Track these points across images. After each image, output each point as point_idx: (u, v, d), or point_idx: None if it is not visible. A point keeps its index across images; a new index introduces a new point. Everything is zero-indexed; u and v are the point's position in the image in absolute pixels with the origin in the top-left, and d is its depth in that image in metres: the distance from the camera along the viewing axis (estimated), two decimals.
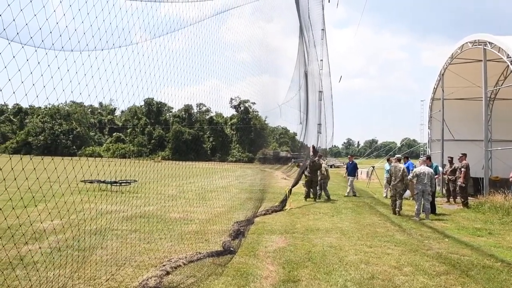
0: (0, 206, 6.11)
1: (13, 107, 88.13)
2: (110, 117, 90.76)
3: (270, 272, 5.48)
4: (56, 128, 79.04)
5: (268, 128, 60.17)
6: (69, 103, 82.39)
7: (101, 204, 10.34)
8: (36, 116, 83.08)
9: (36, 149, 74.25)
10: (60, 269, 5.03)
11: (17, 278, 4.65)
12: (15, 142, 78.56)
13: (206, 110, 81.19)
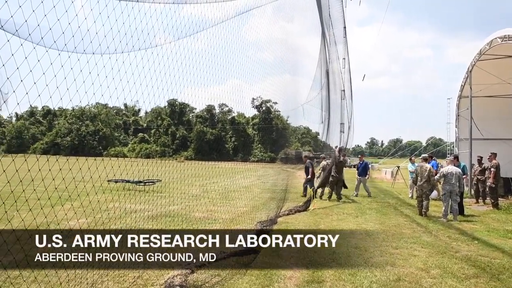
0: (29, 205, 6.34)
1: (42, 109, 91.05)
2: (134, 118, 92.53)
3: (293, 272, 5.46)
4: (83, 129, 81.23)
5: (290, 128, 59.95)
6: (95, 105, 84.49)
7: (127, 203, 10.56)
8: (64, 118, 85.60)
9: (64, 149, 76.50)
10: (86, 266, 5.17)
11: (47, 275, 4.80)
12: (44, 143, 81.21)
13: (228, 110, 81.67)
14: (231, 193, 14.85)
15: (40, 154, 70.27)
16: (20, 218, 7.05)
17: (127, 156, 68.65)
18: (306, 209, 11.20)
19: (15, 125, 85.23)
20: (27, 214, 7.19)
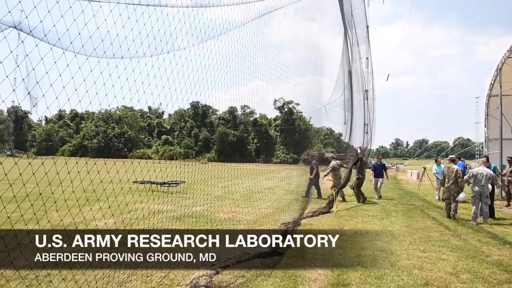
0: (59, 206, 6.54)
1: (70, 112, 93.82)
2: (158, 120, 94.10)
3: (318, 275, 5.42)
4: (109, 132, 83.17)
5: (312, 129, 59.53)
6: (120, 108, 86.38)
7: (152, 204, 10.74)
8: (91, 121, 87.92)
9: (91, 151, 78.55)
10: (115, 265, 5.28)
11: (73, 273, 4.93)
12: (72, 146, 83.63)
13: (250, 112, 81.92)
14: (254, 194, 14.88)
15: (68, 156, 72.46)
16: (48, 218, 7.29)
17: (151, 158, 69.86)
18: (329, 211, 11.10)
19: (44, 128, 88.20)
20: (52, 216, 7.44)
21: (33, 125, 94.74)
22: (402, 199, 15.41)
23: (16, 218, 6.67)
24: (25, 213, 6.81)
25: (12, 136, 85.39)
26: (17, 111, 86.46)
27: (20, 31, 4.23)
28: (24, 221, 6.15)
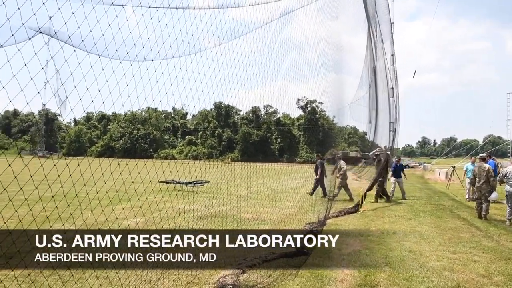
0: (91, 205, 6.72)
1: (97, 114, 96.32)
2: (182, 121, 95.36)
3: (345, 275, 5.36)
4: (135, 133, 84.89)
5: (336, 128, 58.87)
6: (145, 109, 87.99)
7: (178, 203, 10.90)
8: (117, 122, 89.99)
9: (118, 152, 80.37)
10: (144, 263, 5.40)
11: (105, 270, 5.07)
12: (99, 146, 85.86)
13: (273, 112, 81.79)
14: (279, 194, 14.87)
15: (96, 157, 74.46)
16: (84, 217, 7.51)
17: (175, 158, 70.86)
18: (355, 211, 10.96)
19: (73, 130, 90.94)
20: (87, 215, 7.68)
21: (63, 127, 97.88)
22: (430, 199, 15.04)
23: (54, 216, 6.92)
24: (63, 212, 7.05)
25: (43, 138, 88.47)
26: (47, 114, 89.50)
27: (50, 37, 4.38)
28: (61, 220, 6.39)
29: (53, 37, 4.28)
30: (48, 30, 4.28)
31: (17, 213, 5.11)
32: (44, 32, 4.27)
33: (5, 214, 6.57)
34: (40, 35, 4.18)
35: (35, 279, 4.66)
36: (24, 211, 5.43)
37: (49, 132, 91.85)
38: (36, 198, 4.47)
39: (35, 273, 4.86)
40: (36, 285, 4.46)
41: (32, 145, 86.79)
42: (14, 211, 4.94)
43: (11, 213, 6.46)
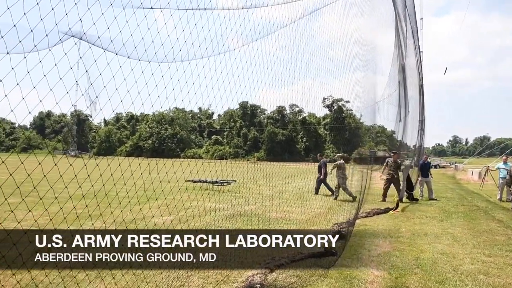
0: (121, 204, 6.88)
1: (126, 115, 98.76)
2: (208, 121, 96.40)
3: (375, 277, 5.26)
4: (162, 133, 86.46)
5: (363, 127, 57.95)
6: (172, 109, 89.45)
7: (205, 202, 11.02)
8: (145, 122, 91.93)
9: (146, 152, 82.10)
10: (173, 261, 5.49)
11: (134, 267, 5.18)
12: (128, 146, 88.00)
13: (299, 111, 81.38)
14: (305, 194, 14.78)
15: (125, 156, 76.40)
16: (114, 215, 7.71)
17: (202, 157, 71.69)
18: (385, 211, 10.73)
19: (103, 130, 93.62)
20: (117, 213, 7.84)
21: (93, 128, 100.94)
22: (463, 199, 14.55)
23: (84, 215, 7.15)
24: (93, 211, 7.29)
25: (75, 138, 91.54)
26: (79, 115, 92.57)
27: (81, 40, 4.51)
28: (91, 218, 6.60)
29: (84, 40, 4.41)
30: (79, 33, 4.41)
31: (44, 211, 5.30)
32: (75, 36, 4.41)
33: (35, 212, 6.84)
34: (71, 38, 4.32)
35: (67, 275, 4.82)
36: (56, 208, 5.63)
37: (81, 132, 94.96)
38: (68, 197, 4.62)
39: (65, 273, 5.03)
40: (74, 281, 4.61)
41: (64, 145, 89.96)
42: (44, 209, 5.12)
43: (42, 210, 6.71)
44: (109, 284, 4.54)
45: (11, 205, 6.32)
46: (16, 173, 3.93)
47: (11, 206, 5.74)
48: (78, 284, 4.49)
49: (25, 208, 6.73)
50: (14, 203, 6.65)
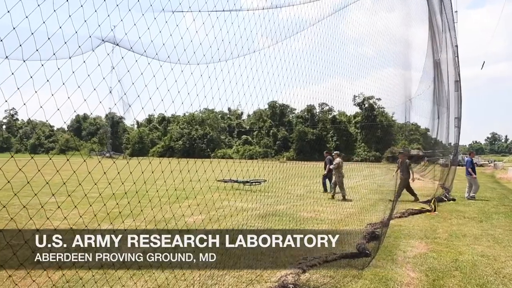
0: (152, 203, 7.04)
1: (158, 116, 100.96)
2: (238, 121, 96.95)
3: (411, 279, 5.12)
4: (193, 134, 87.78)
5: (396, 125, 56.46)
6: (202, 110, 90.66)
7: (236, 202, 11.08)
8: (176, 123, 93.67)
9: (177, 152, 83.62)
10: (206, 260, 5.56)
11: (171, 265, 5.28)
12: (160, 147, 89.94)
13: (329, 110, 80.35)
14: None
15: (157, 157, 78.17)
16: (144, 214, 7.91)
17: (232, 157, 72.19)
18: (420, 212, 10.42)
19: (136, 132, 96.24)
20: (147, 213, 8.02)
21: (127, 129, 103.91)
22: (504, 199, 13.89)
23: (115, 214, 7.36)
24: (123, 210, 7.48)
25: (110, 140, 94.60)
26: (113, 117, 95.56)
27: (114, 45, 4.65)
28: (122, 217, 6.79)
29: (117, 44, 4.54)
30: (111, 39, 4.56)
31: (76, 210, 5.48)
32: (108, 41, 4.56)
33: (74, 211, 7.09)
34: (102, 43, 4.46)
35: (107, 271, 4.98)
36: (95, 207, 5.83)
37: (115, 134, 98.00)
38: (104, 196, 4.77)
39: (106, 266, 5.20)
40: (109, 277, 4.76)
41: (100, 147, 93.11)
42: (72, 208, 5.31)
43: (84, 209, 6.97)
44: (145, 282, 4.66)
45: (48, 204, 6.60)
46: (53, 174, 4.10)
47: (48, 205, 6.00)
48: (119, 279, 4.63)
49: (65, 207, 7.02)
50: (51, 202, 6.93)
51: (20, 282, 4.45)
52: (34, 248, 5.63)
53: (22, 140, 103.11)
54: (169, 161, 6.23)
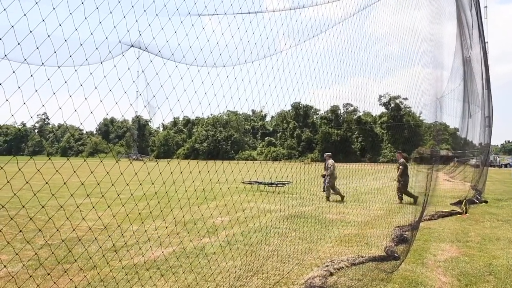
0: (180, 204, 7.08)
1: (183, 119, 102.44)
2: (261, 123, 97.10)
3: (442, 284, 4.97)
4: (217, 136, 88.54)
5: (423, 125, 55.11)
6: (226, 112, 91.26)
7: (261, 203, 11.10)
8: (201, 126, 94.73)
9: (202, 154, 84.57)
10: (233, 261, 5.60)
11: (197, 266, 5.35)
12: (185, 149, 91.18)
13: (354, 110, 79.28)
14: (363, 195, 14.36)
15: (182, 159, 79.27)
16: (174, 215, 8.04)
17: (256, 159, 72.33)
18: (451, 214, 10.12)
19: (162, 134, 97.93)
20: (176, 213, 8.17)
21: (153, 132, 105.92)
22: None
23: (145, 214, 7.52)
24: (153, 210, 7.61)
25: (137, 142, 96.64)
26: (139, 120, 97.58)
27: (139, 49, 4.76)
28: (152, 217, 6.92)
29: (145, 50, 4.65)
30: (138, 43, 4.67)
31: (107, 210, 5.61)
32: (135, 46, 4.67)
33: (99, 212, 7.28)
34: (129, 48, 4.57)
35: (139, 271, 5.09)
36: (120, 208, 5.97)
37: (142, 136, 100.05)
38: (126, 197, 4.88)
39: (138, 266, 5.31)
40: (141, 277, 4.86)
41: (127, 149, 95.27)
42: (91, 208, 5.44)
43: (115, 210, 7.14)
44: (174, 282, 4.73)
45: (80, 205, 6.80)
46: (82, 176, 4.23)
47: (80, 206, 6.14)
48: (145, 280, 4.73)
49: (97, 208, 7.21)
50: (84, 203, 7.16)
51: (58, 280, 4.60)
52: (70, 248, 5.83)
53: (53, 143, 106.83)
54: (197, 162, 6.32)
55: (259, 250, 6.23)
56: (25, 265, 5.27)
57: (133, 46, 4.73)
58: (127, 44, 4.54)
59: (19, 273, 4.97)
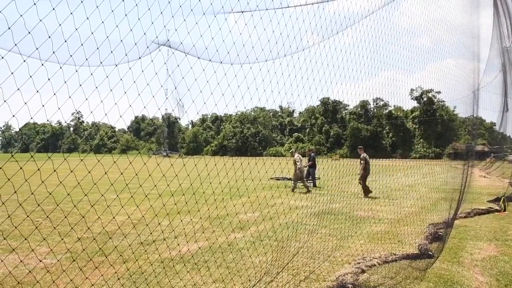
0: (208, 200, 7.17)
1: (211, 116, 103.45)
2: (289, 119, 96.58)
3: (480, 283, 4.79)
4: (245, 132, 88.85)
5: (457, 119, 53.12)
6: (254, 109, 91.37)
7: (290, 200, 11.06)
8: (229, 123, 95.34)
9: (230, 151, 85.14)
10: (262, 256, 5.61)
11: (226, 261, 5.40)
12: (214, 146, 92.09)
13: (384, 105, 77.45)
14: (394, 192, 14.05)
15: (211, 155, 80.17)
16: (200, 211, 8.15)
17: (284, 155, 72.09)
18: (488, 212, 9.71)
19: (191, 131, 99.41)
20: (204, 209, 8.24)
21: (182, 129, 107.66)
22: None
23: (173, 210, 7.66)
24: (185, 205, 7.74)
25: (167, 139, 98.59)
26: (169, 118, 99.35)
27: (169, 48, 4.83)
28: (180, 214, 7.04)
29: (174, 48, 4.72)
30: (165, 42, 4.74)
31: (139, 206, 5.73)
32: (163, 44, 4.74)
33: (132, 207, 7.46)
34: (157, 47, 4.65)
35: (168, 264, 5.19)
36: (148, 204, 6.10)
37: (171, 134, 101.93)
38: (157, 193, 4.97)
39: (167, 261, 5.43)
40: (169, 271, 4.96)
41: (157, 146, 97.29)
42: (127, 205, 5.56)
43: (145, 205, 7.32)
44: (201, 277, 4.79)
45: (110, 201, 7.00)
46: (115, 172, 4.34)
47: (110, 202, 6.34)
48: (177, 273, 4.81)
49: (127, 205, 7.41)
50: (115, 199, 7.36)
51: (90, 274, 4.76)
52: (102, 243, 6.03)
53: (87, 141, 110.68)
54: (223, 159, 6.37)
55: (288, 246, 6.21)
56: (62, 257, 5.49)
57: (164, 45, 4.81)
58: (158, 44, 4.62)
59: (57, 265, 5.17)
